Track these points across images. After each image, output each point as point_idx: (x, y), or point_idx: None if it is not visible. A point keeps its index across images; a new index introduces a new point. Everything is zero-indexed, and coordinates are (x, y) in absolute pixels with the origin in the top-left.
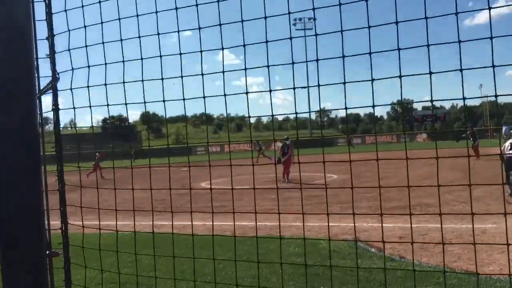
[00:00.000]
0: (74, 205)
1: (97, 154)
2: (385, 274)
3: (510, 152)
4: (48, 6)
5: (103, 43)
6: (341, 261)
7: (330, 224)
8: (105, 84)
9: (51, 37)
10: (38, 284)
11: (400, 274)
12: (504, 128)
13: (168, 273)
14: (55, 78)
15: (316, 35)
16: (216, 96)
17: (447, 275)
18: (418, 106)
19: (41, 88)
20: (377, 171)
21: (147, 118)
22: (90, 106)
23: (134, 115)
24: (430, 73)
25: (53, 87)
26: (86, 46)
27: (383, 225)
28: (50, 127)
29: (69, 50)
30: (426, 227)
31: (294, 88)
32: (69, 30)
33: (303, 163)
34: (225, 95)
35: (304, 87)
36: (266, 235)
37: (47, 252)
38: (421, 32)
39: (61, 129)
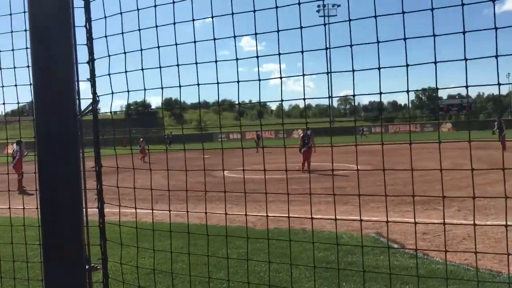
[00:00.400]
0: (106, 194)
1: (141, 139)
2: (418, 275)
3: None
4: (89, 32)
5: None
6: (364, 257)
7: (351, 218)
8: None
9: (91, 61)
10: None
11: (423, 272)
12: None
13: (192, 264)
14: (95, 100)
15: (349, 20)
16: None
17: (471, 274)
18: (443, 95)
19: (82, 110)
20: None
21: (169, 104)
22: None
23: (156, 101)
24: (466, 59)
25: (93, 110)
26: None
27: (404, 220)
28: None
29: (109, 74)
30: (451, 223)
31: (330, 94)
32: (109, 55)
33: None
34: (259, 90)
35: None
36: (287, 227)
37: (87, 267)
38: (443, 19)
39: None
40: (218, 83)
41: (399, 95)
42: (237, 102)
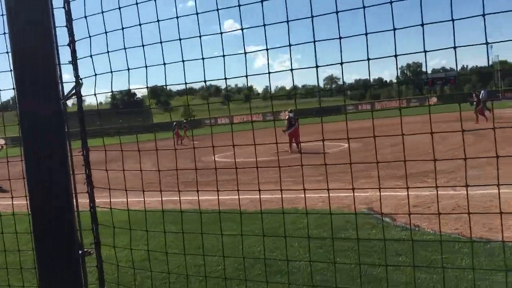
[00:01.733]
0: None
1: (174, 123)
2: (413, 246)
3: None
4: (68, 13)
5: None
6: (355, 232)
7: (342, 194)
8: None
9: (72, 43)
10: (73, 284)
11: (415, 243)
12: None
13: (186, 249)
14: (78, 83)
15: None
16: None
17: (462, 243)
18: (428, 69)
19: (65, 93)
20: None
21: (155, 92)
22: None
23: (141, 91)
24: (484, 15)
25: (76, 92)
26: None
27: (395, 194)
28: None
29: (91, 56)
30: (439, 194)
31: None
32: (90, 36)
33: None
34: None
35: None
36: (278, 207)
37: (80, 252)
38: None
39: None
40: (202, 58)
41: (384, 72)
42: (222, 87)
